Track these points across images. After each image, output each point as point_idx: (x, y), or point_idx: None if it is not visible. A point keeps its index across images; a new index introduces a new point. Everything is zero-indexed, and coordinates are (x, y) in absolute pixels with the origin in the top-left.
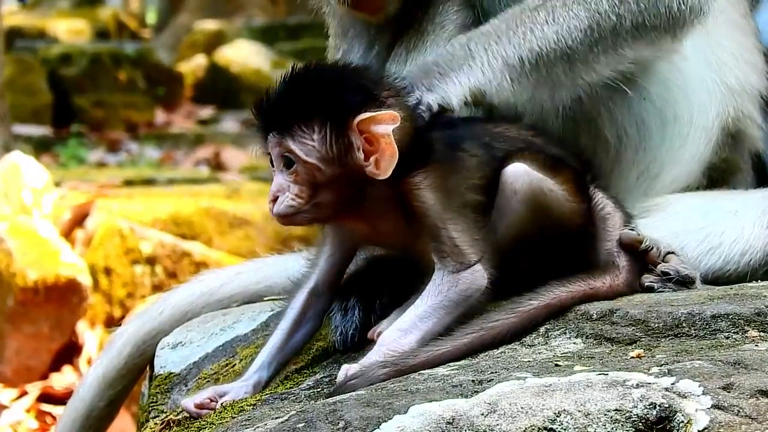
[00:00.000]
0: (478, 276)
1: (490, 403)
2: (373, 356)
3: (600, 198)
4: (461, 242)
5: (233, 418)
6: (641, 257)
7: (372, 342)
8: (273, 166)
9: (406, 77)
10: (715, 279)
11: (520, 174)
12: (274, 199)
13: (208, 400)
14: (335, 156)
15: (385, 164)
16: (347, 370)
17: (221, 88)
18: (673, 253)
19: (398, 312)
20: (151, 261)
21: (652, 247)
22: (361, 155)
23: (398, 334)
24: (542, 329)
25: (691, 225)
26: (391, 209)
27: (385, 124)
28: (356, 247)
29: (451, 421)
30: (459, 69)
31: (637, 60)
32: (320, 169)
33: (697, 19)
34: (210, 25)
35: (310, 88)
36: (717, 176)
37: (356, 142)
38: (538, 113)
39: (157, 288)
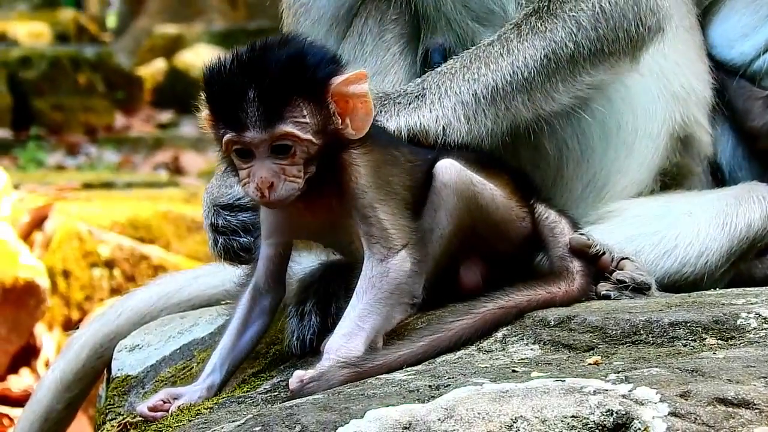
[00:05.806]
0: (404, 262)
1: (446, 409)
2: (325, 363)
3: (542, 208)
4: (390, 225)
5: (190, 421)
6: (594, 262)
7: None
8: (240, 159)
9: None
10: (673, 282)
11: (447, 166)
12: (269, 186)
13: (162, 402)
14: (321, 125)
15: (359, 123)
16: (301, 376)
17: (180, 93)
18: (627, 258)
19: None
20: (109, 264)
21: (604, 252)
22: (338, 119)
23: (343, 339)
24: (499, 335)
25: (646, 229)
26: (327, 185)
27: (360, 84)
28: (287, 240)
29: (407, 426)
30: (407, 105)
31: (596, 84)
32: (313, 142)
33: (656, 37)
34: (170, 29)
35: (280, 68)
36: (670, 181)
37: (332, 107)
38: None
39: (115, 291)
